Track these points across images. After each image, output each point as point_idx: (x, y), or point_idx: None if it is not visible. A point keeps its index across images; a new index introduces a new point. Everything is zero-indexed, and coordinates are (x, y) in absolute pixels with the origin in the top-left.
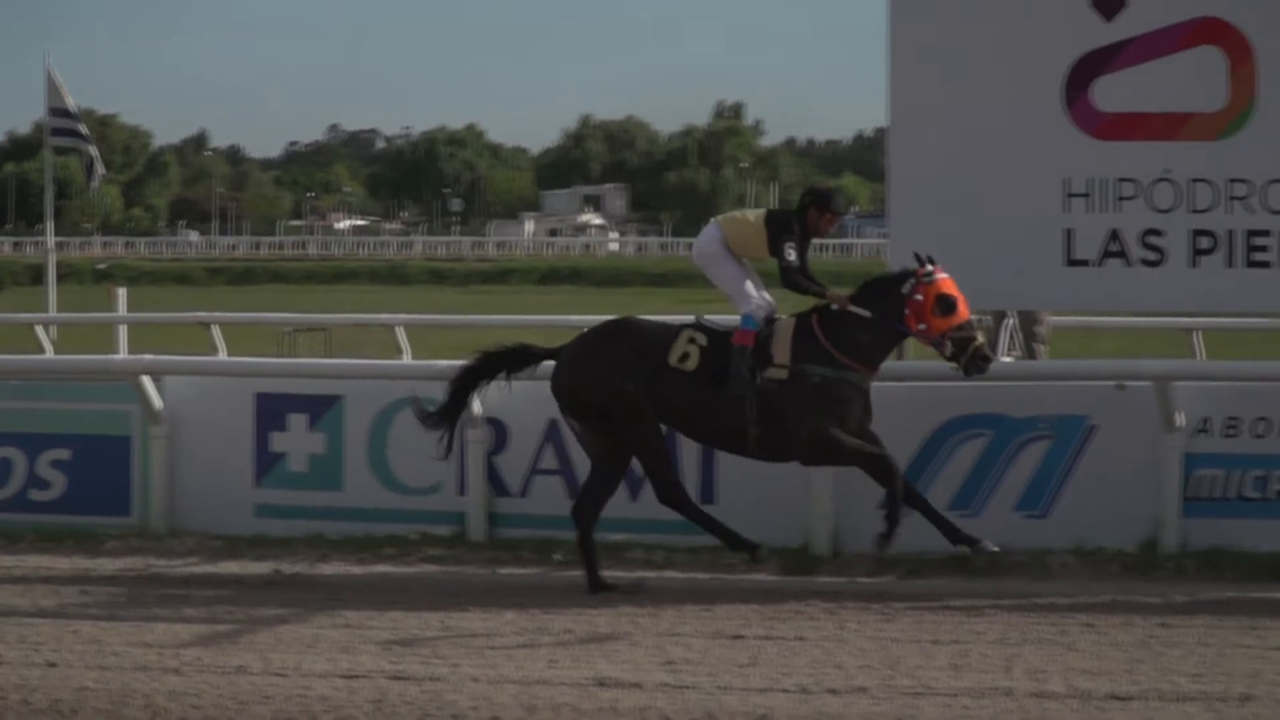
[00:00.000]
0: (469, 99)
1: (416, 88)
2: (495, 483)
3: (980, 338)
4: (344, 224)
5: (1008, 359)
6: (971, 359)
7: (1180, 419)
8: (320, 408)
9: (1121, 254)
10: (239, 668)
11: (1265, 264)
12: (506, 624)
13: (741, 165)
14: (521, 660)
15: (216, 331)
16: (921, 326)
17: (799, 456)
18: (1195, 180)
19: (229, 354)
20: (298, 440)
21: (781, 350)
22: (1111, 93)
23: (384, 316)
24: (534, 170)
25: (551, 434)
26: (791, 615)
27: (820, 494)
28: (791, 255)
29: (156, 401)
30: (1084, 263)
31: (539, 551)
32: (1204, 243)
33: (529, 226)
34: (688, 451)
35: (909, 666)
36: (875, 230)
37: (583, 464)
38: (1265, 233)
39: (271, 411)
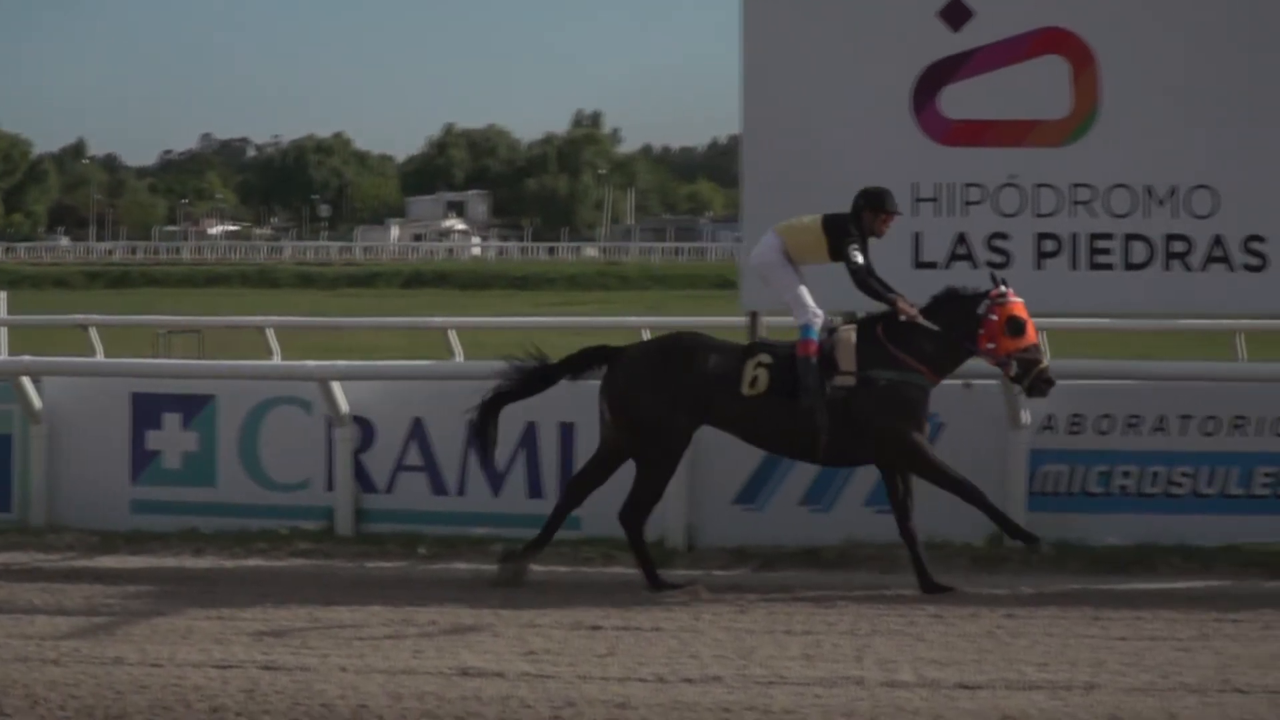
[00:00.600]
0: (336, 108)
1: (286, 98)
2: (362, 479)
3: (1045, 360)
4: (216, 229)
5: None
6: (1035, 380)
7: (1026, 416)
8: (194, 407)
9: (968, 257)
10: (116, 658)
11: (1108, 266)
12: (373, 616)
13: (600, 172)
14: (388, 651)
15: (94, 333)
16: (991, 346)
17: (875, 459)
18: (1040, 185)
19: (106, 355)
20: (172, 438)
21: (847, 358)
22: (959, 100)
23: (255, 319)
24: (399, 177)
25: (416, 432)
26: (648, 607)
27: (674, 491)
28: (859, 258)
29: (36, 401)
30: (931, 265)
31: (405, 545)
32: (1048, 246)
33: (394, 232)
34: (547, 447)
35: (762, 656)
36: (729, 234)
37: (447, 461)
38: (1108, 236)
39: (147, 411)
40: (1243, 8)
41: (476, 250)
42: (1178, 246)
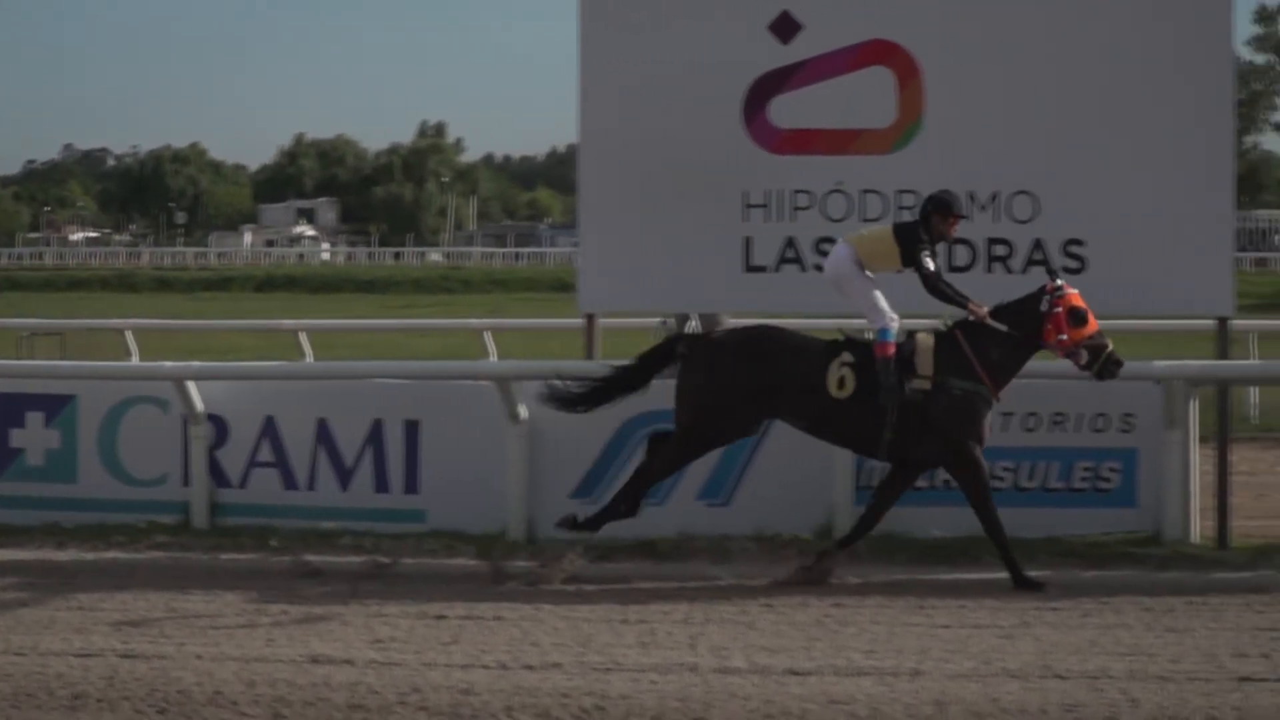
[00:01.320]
0: (193, 120)
1: (144, 109)
2: (216, 475)
3: (1110, 344)
4: (78, 236)
5: None
6: (1105, 364)
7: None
8: (56, 406)
9: (797, 260)
10: None
11: None
12: (227, 606)
13: (443, 180)
14: (241, 639)
15: None
16: (1062, 337)
17: (943, 464)
18: (866, 191)
19: None
20: (35, 437)
21: (925, 362)
22: (788, 110)
23: (114, 321)
24: (252, 185)
25: (268, 430)
26: (490, 597)
27: (515, 485)
28: (930, 264)
29: None
30: (762, 269)
31: (257, 538)
32: None
33: (248, 238)
34: (393, 445)
35: (600, 644)
36: (567, 240)
37: (298, 457)
38: None
39: (10, 410)
40: (1060, 22)
41: (326, 255)
42: (999, 250)
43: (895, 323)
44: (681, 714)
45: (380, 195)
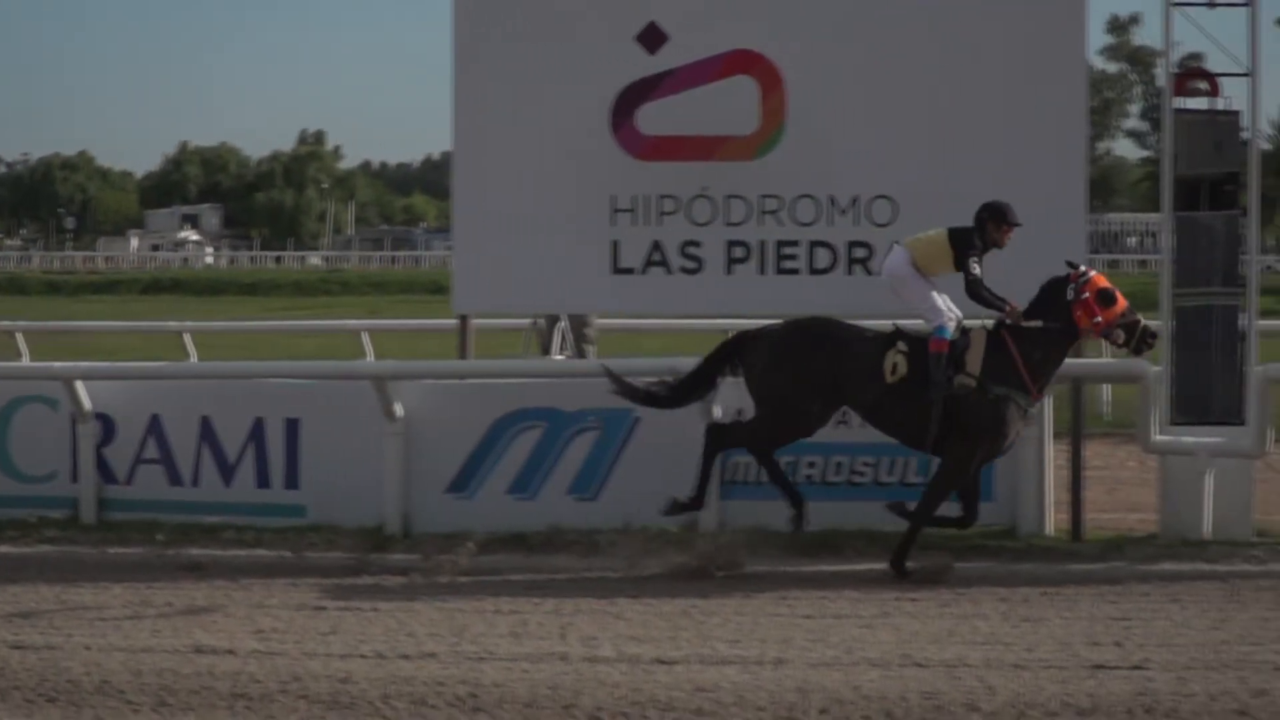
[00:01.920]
0: (81, 128)
1: (34, 118)
2: (104, 471)
3: (1142, 319)
4: None
5: (560, 358)
6: (1140, 339)
7: (717, 411)
8: None
9: (663, 263)
10: None
11: (794, 271)
12: (115, 598)
13: (323, 186)
14: (128, 630)
15: None
16: (1097, 320)
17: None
18: (730, 196)
19: None
20: None
21: (974, 361)
22: (654, 118)
23: (4, 323)
24: (138, 191)
25: (153, 428)
26: (368, 589)
27: (391, 480)
28: (976, 269)
29: None
30: (629, 271)
31: (143, 533)
32: (738, 252)
33: (134, 242)
34: (274, 441)
35: (474, 634)
36: (442, 244)
37: (182, 454)
38: (794, 243)
39: None
40: (920, 34)
41: (210, 259)
42: (859, 253)
43: (953, 321)
44: (552, 702)
45: (262, 201)
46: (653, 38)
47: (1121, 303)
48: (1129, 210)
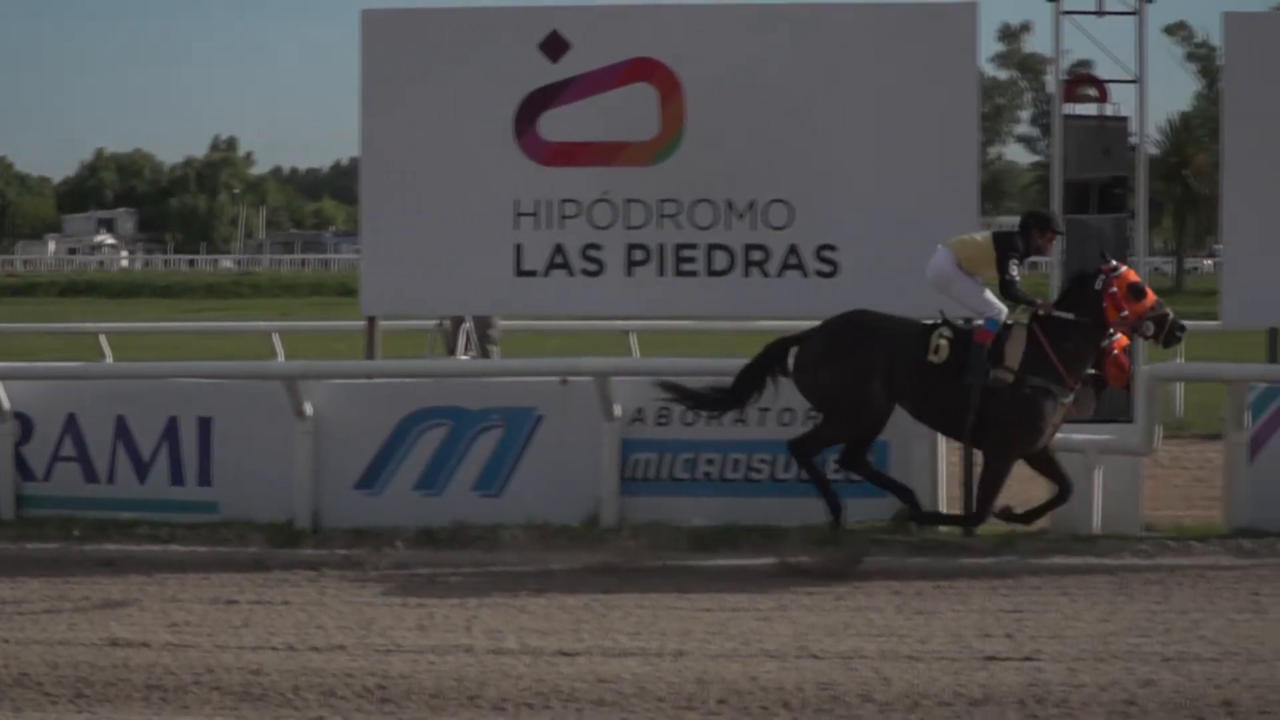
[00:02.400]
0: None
1: None
2: (22, 469)
3: (1170, 311)
4: None
5: (464, 358)
6: (1170, 332)
7: (618, 410)
8: None
9: (565, 265)
10: None
11: (693, 273)
12: (32, 592)
13: (235, 191)
14: (46, 624)
15: None
16: (1124, 314)
17: (984, 448)
18: (630, 201)
19: None
20: None
21: (1013, 354)
22: (556, 125)
23: None
24: (55, 196)
25: (70, 427)
26: (278, 583)
27: (301, 477)
28: (1014, 271)
29: None
30: (532, 273)
31: (60, 529)
32: (638, 255)
33: (51, 246)
34: (187, 439)
35: (381, 627)
36: (350, 247)
37: (98, 452)
38: (692, 245)
39: None
40: (815, 42)
41: (125, 263)
42: (756, 255)
43: (1003, 314)
44: (457, 693)
45: (176, 206)
46: (555, 46)
47: (1150, 297)
48: (1020, 213)
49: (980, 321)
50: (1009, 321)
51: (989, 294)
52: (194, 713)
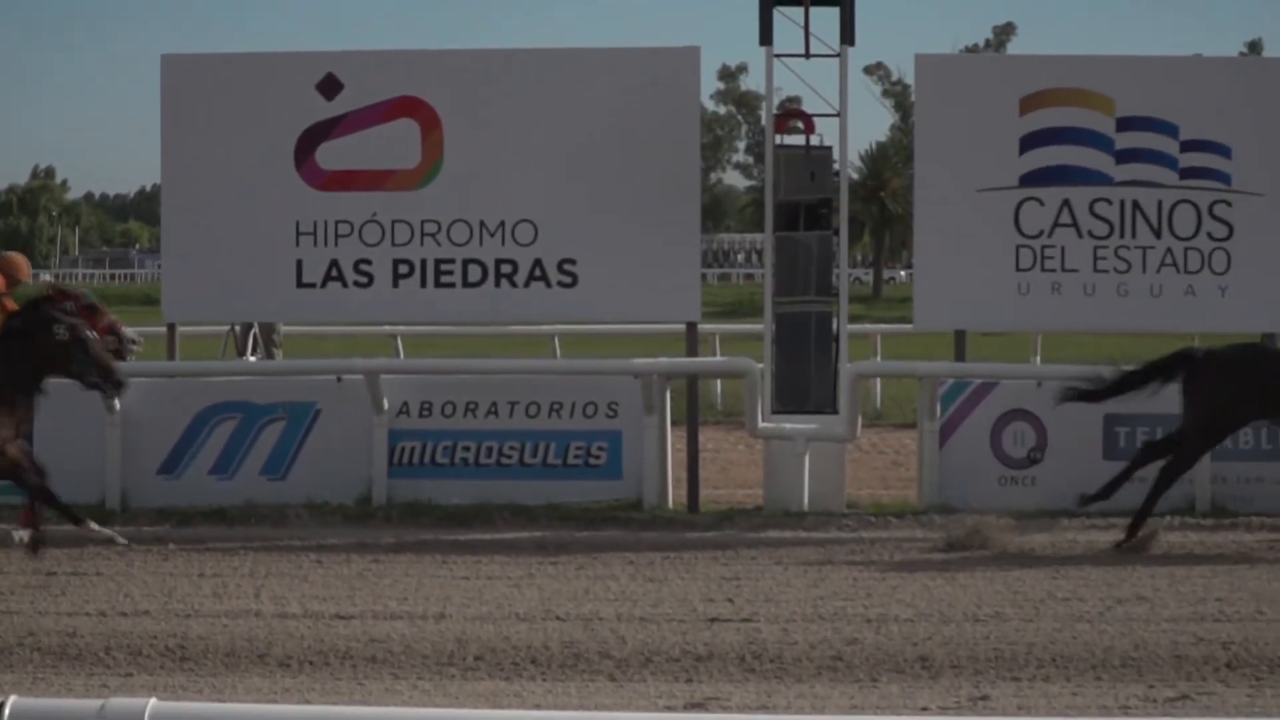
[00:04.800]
0: None
1: None
2: None
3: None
4: None
5: (252, 359)
6: None
7: (386, 404)
8: None
9: (340, 278)
10: None
11: (451, 285)
12: None
13: (53, 214)
14: None
15: None
16: None
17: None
18: (396, 221)
19: None
20: None
21: None
22: (332, 155)
23: None
24: None
25: None
26: (92, 556)
27: (112, 463)
28: None
29: None
30: (311, 285)
31: None
32: (404, 269)
33: None
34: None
35: (181, 594)
36: (153, 263)
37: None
38: (450, 261)
39: None
40: (558, 82)
41: None
42: (506, 269)
43: None
44: (249, 652)
45: (1, 228)
46: (330, 86)
47: None
48: (737, 231)
49: None
50: None
51: None
52: (18, 671)
